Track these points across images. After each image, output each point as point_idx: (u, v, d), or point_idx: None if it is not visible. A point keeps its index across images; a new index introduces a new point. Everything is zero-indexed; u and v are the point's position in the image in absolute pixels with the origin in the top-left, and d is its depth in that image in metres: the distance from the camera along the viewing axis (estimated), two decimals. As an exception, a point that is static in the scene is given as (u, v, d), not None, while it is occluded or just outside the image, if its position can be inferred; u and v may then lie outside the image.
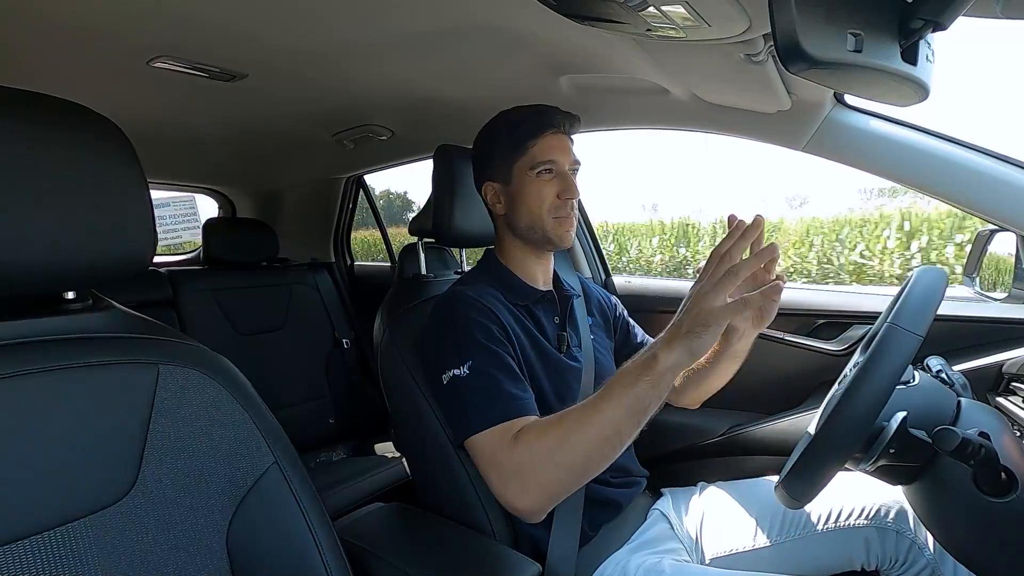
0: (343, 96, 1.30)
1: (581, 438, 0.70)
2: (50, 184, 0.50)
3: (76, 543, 0.50)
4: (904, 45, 0.51)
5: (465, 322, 0.85)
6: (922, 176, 0.98)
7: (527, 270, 0.99)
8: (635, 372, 0.69)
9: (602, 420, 0.69)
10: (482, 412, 0.78)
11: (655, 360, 0.67)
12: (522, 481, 0.73)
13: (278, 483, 0.61)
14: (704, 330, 0.65)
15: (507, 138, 0.95)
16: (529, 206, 0.94)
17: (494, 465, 0.76)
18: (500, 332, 0.86)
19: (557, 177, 0.94)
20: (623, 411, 0.69)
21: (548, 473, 0.72)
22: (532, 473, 0.73)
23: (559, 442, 0.71)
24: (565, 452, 0.71)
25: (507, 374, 0.81)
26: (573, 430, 0.71)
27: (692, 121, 1.19)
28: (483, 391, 0.79)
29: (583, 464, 0.71)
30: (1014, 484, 0.56)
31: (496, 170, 0.97)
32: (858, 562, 0.93)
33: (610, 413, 0.69)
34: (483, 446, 0.77)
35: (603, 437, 0.69)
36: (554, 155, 0.93)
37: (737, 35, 0.72)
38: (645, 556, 0.88)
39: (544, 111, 0.95)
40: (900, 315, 0.61)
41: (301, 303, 1.96)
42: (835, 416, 0.59)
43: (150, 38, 0.94)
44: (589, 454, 0.70)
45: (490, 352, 0.82)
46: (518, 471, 0.73)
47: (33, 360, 0.51)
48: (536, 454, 0.72)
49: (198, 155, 1.86)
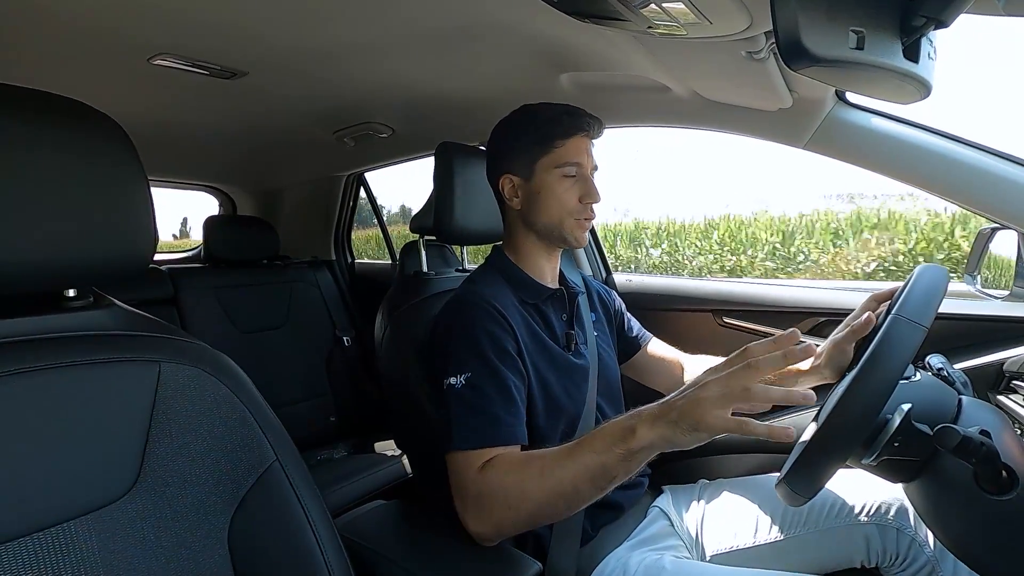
0: (344, 94, 1.30)
1: (540, 488, 0.70)
2: (51, 182, 0.50)
3: (78, 540, 0.50)
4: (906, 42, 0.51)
5: (474, 330, 0.84)
6: (923, 174, 0.98)
7: (536, 267, 0.98)
8: (610, 440, 0.65)
9: (563, 478, 0.68)
10: (463, 432, 0.78)
11: (633, 436, 0.63)
12: (479, 511, 0.74)
13: (279, 480, 0.61)
14: (691, 431, 0.60)
15: (534, 134, 0.94)
16: (551, 206, 0.93)
17: (460, 487, 0.76)
18: (511, 343, 0.85)
19: (580, 180, 0.93)
20: (587, 477, 0.67)
21: (502, 512, 0.73)
22: (489, 506, 0.73)
23: (518, 487, 0.71)
24: (520, 498, 0.71)
25: (501, 394, 0.80)
26: (534, 478, 0.70)
27: (693, 119, 1.19)
28: (471, 409, 0.79)
29: (534, 513, 0.72)
30: (1015, 482, 0.56)
31: (517, 164, 0.95)
32: (858, 559, 0.93)
33: (572, 474, 0.67)
34: (457, 464, 0.78)
35: (560, 494, 0.69)
36: (580, 158, 0.93)
37: (739, 32, 0.72)
38: (646, 553, 0.88)
39: (575, 112, 0.94)
40: (904, 307, 0.61)
41: (302, 301, 1.96)
42: (839, 408, 0.59)
43: (151, 36, 0.94)
44: (541, 506, 0.70)
45: (491, 368, 0.81)
46: (478, 500, 0.74)
47: (34, 358, 0.51)
48: (496, 490, 0.73)
49: (199, 153, 1.86)
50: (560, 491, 0.68)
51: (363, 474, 1.58)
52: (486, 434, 0.77)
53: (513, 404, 0.81)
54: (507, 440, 0.78)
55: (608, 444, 0.65)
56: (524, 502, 0.71)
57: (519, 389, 0.83)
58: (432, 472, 0.93)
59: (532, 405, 0.87)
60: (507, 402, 0.80)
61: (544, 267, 0.99)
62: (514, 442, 0.78)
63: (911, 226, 4.45)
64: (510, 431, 0.79)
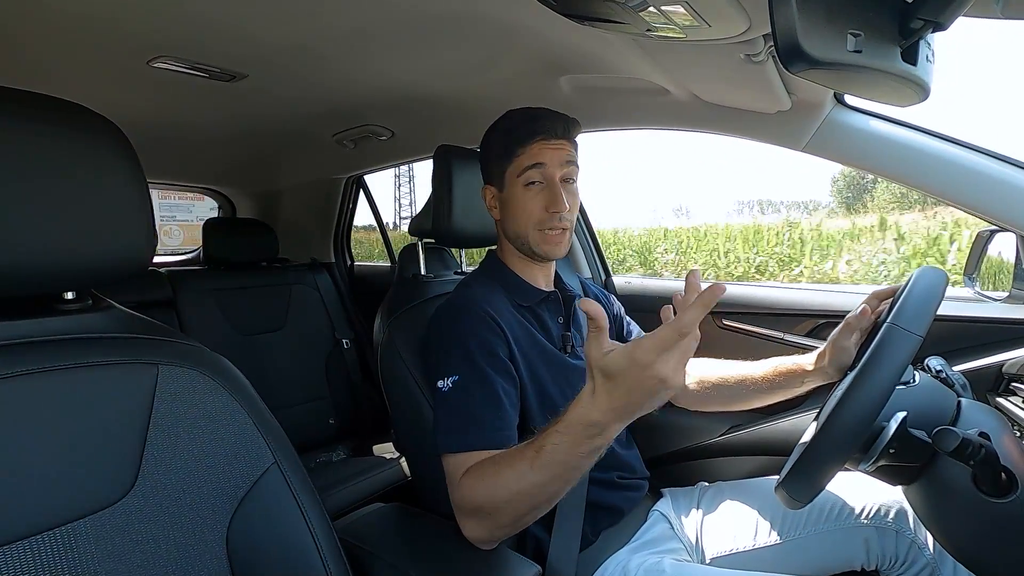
0: (343, 96, 1.30)
1: (517, 493, 0.68)
2: (50, 184, 0.50)
3: (76, 544, 0.50)
4: (904, 45, 0.51)
5: (464, 333, 0.84)
6: (922, 176, 0.98)
7: (528, 271, 0.99)
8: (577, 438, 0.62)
9: (536, 482, 0.67)
10: (450, 435, 0.78)
11: (601, 435, 0.61)
12: (467, 516, 0.74)
13: (278, 483, 0.61)
14: (659, 398, 0.57)
15: (500, 144, 0.93)
16: (516, 217, 0.92)
17: (450, 491, 0.77)
18: (502, 347, 0.85)
19: (546, 188, 0.90)
20: (560, 479, 0.66)
21: (487, 516, 0.73)
22: (475, 511, 0.73)
23: (495, 494, 0.70)
24: (500, 503, 0.70)
25: (488, 398, 0.80)
26: (509, 484, 0.69)
27: (692, 121, 1.19)
28: (458, 413, 0.79)
29: (516, 516, 0.71)
30: (1014, 484, 0.56)
31: (493, 175, 0.96)
32: (858, 562, 0.93)
33: (545, 478, 0.66)
34: (448, 468, 0.78)
35: (536, 496, 0.68)
36: (542, 164, 0.89)
37: (737, 35, 0.72)
38: (646, 556, 0.88)
39: (536, 116, 0.90)
40: (900, 315, 0.61)
41: (301, 303, 1.96)
42: (835, 416, 0.59)
43: (150, 38, 0.94)
44: (520, 510, 0.70)
45: (479, 373, 0.81)
46: (460, 505, 0.75)
47: (33, 360, 0.51)
48: (479, 496, 0.72)
49: (198, 155, 1.86)
50: (535, 493, 0.68)
51: (362, 477, 1.58)
52: (470, 437, 0.77)
53: (501, 408, 0.80)
54: (492, 444, 0.77)
55: (575, 443, 0.63)
56: (504, 507, 0.71)
57: (508, 394, 0.83)
58: (431, 475, 0.92)
59: (527, 406, 0.87)
60: (495, 406, 0.80)
61: (536, 272, 0.99)
62: (500, 445, 0.76)
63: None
64: (497, 435, 0.78)
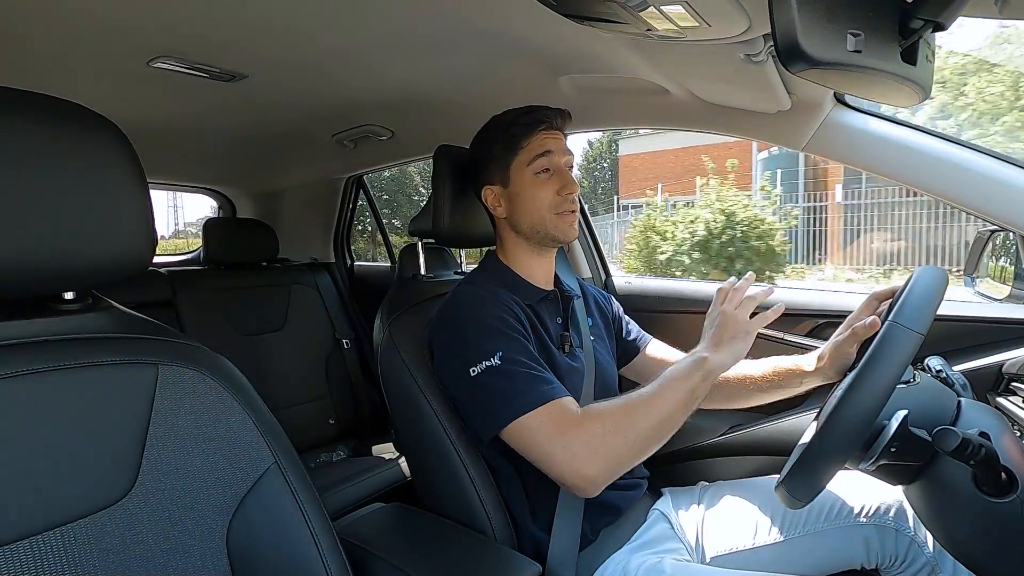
0: (343, 97, 1.30)
1: (646, 417, 0.78)
2: (50, 185, 0.50)
3: (76, 543, 0.50)
4: (904, 45, 0.51)
5: (486, 315, 0.86)
6: (922, 176, 0.98)
7: (529, 270, 1.00)
8: (688, 370, 0.80)
9: (663, 405, 0.78)
10: (526, 394, 0.80)
11: (706, 361, 0.80)
12: (594, 451, 0.76)
13: (278, 483, 0.61)
14: (745, 336, 0.83)
15: (501, 141, 0.97)
16: (530, 207, 0.95)
17: (558, 437, 0.78)
18: (518, 323, 0.88)
19: (555, 175, 0.95)
20: (680, 400, 0.78)
21: (618, 446, 0.77)
22: (603, 444, 0.76)
23: (629, 419, 0.78)
24: (631, 429, 0.77)
25: (534, 360, 0.84)
26: (638, 410, 0.78)
27: (692, 121, 1.19)
28: (521, 377, 0.81)
29: (644, 441, 0.78)
30: (1014, 484, 0.56)
31: (494, 174, 0.98)
32: (858, 560, 0.93)
33: (670, 400, 0.78)
34: (539, 423, 0.79)
35: (661, 421, 0.78)
36: (549, 152, 0.95)
37: (737, 35, 0.72)
38: (645, 556, 0.88)
39: (533, 109, 0.96)
40: (901, 313, 0.61)
41: (301, 303, 1.96)
42: (836, 414, 0.59)
43: (150, 39, 0.94)
44: (648, 435, 0.78)
45: (517, 342, 0.85)
46: (591, 442, 0.77)
47: (33, 360, 0.51)
48: (608, 426, 0.77)
49: (198, 155, 1.86)
50: (661, 418, 0.78)
51: (362, 477, 1.57)
52: (552, 388, 0.81)
53: (545, 368, 0.86)
54: (562, 392, 0.82)
55: (689, 373, 0.79)
56: (633, 433, 0.77)
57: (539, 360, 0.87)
58: (431, 475, 0.93)
59: None
60: (543, 366, 0.85)
61: (536, 270, 1.00)
62: (565, 395, 0.82)
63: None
64: (559, 386, 0.83)
